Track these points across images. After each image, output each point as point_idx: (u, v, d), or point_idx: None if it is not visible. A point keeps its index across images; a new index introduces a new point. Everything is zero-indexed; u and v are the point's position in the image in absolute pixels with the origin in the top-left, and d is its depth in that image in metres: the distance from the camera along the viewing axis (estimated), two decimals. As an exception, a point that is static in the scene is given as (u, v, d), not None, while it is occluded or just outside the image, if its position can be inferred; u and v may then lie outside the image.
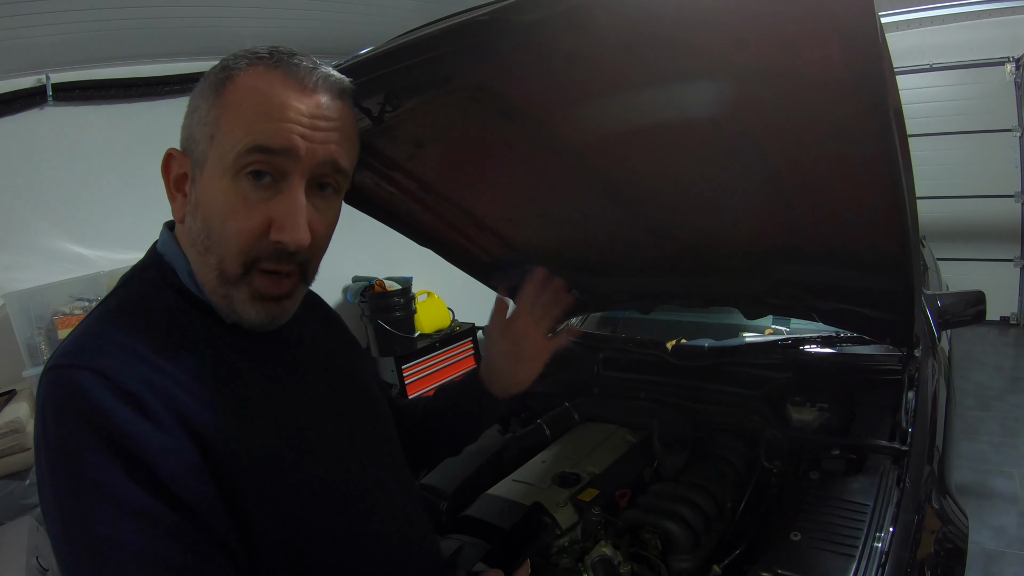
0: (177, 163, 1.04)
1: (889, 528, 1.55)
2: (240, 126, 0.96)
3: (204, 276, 1.02)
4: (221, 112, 0.97)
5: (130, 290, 1.04)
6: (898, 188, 1.37)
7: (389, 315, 5.20)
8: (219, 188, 0.97)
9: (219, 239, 0.98)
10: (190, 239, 1.03)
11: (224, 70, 0.99)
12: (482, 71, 1.46)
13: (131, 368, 0.89)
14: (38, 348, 3.73)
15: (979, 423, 4.71)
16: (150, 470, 0.85)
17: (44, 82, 4.04)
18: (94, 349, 0.90)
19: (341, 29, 4.57)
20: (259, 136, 0.95)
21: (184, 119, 1.03)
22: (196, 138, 1.00)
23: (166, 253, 1.06)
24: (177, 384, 0.92)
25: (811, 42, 1.14)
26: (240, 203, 0.97)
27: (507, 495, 1.99)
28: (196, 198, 1.01)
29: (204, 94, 1.00)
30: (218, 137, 0.97)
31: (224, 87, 0.97)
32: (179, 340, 0.98)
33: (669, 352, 2.64)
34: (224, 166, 0.97)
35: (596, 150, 1.78)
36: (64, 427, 0.85)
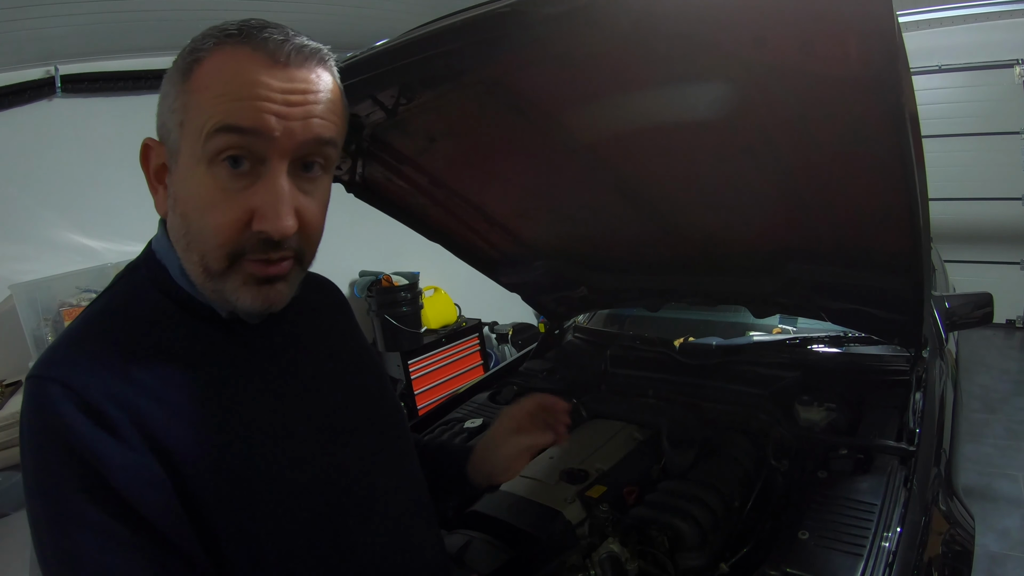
0: (155, 153, 0.97)
1: (896, 528, 1.55)
2: (207, 108, 0.88)
3: (191, 272, 0.97)
4: (188, 97, 0.90)
5: (116, 292, 1.00)
6: (911, 188, 1.37)
7: (396, 310, 5.20)
8: (194, 178, 0.91)
9: (199, 234, 0.92)
10: (173, 235, 0.98)
11: (192, 52, 0.91)
12: (498, 65, 1.46)
13: (100, 381, 0.87)
14: (45, 339, 3.73)
15: (984, 426, 4.69)
16: (109, 486, 0.83)
17: (53, 73, 4.04)
18: (67, 359, 0.89)
19: (351, 23, 4.56)
20: (227, 115, 0.88)
21: (157, 106, 0.95)
22: (168, 127, 0.93)
23: (158, 250, 1.01)
24: (149, 396, 0.89)
25: (828, 40, 1.14)
26: (218, 194, 0.90)
27: (514, 491, 1.99)
28: (174, 191, 0.95)
29: (172, 79, 0.92)
30: (187, 123, 0.90)
31: (192, 70, 0.90)
32: (158, 349, 0.94)
33: (677, 350, 2.64)
34: (196, 154, 0.90)
35: (609, 147, 1.78)
36: (33, 438, 0.86)
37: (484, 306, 5.85)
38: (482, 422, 2.52)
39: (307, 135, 0.92)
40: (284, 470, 0.98)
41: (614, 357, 2.84)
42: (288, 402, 1.05)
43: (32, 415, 0.86)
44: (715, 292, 2.36)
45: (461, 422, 2.57)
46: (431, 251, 2.52)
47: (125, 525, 0.83)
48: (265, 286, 0.96)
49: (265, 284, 0.96)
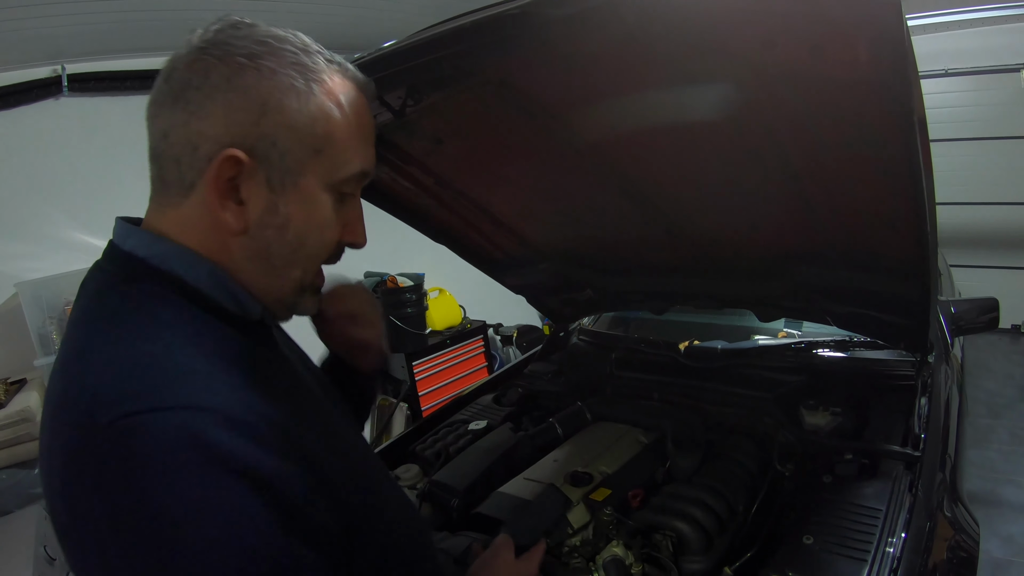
0: (233, 166, 0.88)
1: (901, 534, 1.55)
2: (352, 149, 0.95)
3: (270, 288, 0.97)
4: (331, 127, 0.92)
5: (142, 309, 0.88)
6: (919, 193, 1.36)
7: (401, 311, 5.20)
8: (319, 203, 0.94)
9: (312, 251, 0.97)
10: (257, 253, 0.94)
11: (305, 71, 0.90)
12: (506, 66, 1.47)
13: (221, 397, 0.80)
14: (50, 337, 3.75)
15: (989, 431, 4.69)
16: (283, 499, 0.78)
17: (60, 72, 4.07)
18: (169, 384, 0.78)
19: (358, 23, 4.57)
20: (366, 162, 0.97)
21: (238, 113, 0.88)
22: (284, 146, 0.90)
23: (154, 257, 0.92)
24: (258, 409, 0.83)
25: (838, 44, 1.14)
26: (332, 215, 0.96)
27: (519, 493, 1.99)
28: (286, 212, 0.92)
29: (291, 95, 0.89)
30: (328, 154, 0.92)
31: (324, 94, 0.91)
32: (222, 357, 0.87)
33: (682, 353, 2.63)
34: (329, 183, 0.94)
35: (615, 149, 1.78)
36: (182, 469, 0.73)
37: (489, 308, 5.85)
38: (486, 424, 2.52)
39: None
40: (346, 460, 0.97)
41: (619, 360, 2.84)
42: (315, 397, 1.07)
43: (174, 446, 0.73)
44: (720, 295, 2.36)
45: (465, 424, 2.57)
46: (437, 252, 2.52)
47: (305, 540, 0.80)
48: (319, 294, 1.06)
49: (319, 292, 1.06)
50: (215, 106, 0.87)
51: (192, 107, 0.87)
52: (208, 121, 0.87)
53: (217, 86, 0.87)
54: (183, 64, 0.89)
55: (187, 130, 0.88)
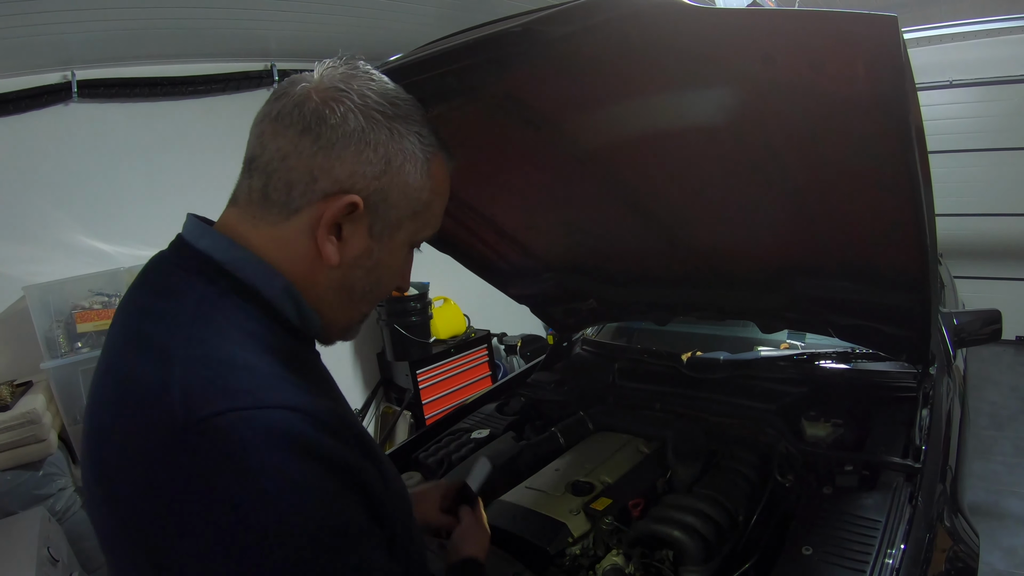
0: (348, 209, 0.97)
1: (901, 545, 1.55)
2: (435, 217, 1.10)
3: (339, 317, 1.08)
4: (430, 197, 1.05)
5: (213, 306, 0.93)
6: (918, 206, 1.38)
7: (405, 320, 5.22)
8: (401, 254, 1.08)
9: (381, 292, 1.10)
10: (342, 285, 1.04)
11: (425, 141, 1.02)
12: (511, 80, 1.48)
13: (307, 400, 0.87)
14: (56, 341, 3.76)
15: (992, 443, 4.68)
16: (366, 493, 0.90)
17: (70, 78, 4.08)
18: (260, 386, 0.85)
19: (363, 35, 4.59)
20: (437, 227, 1.12)
21: (367, 166, 0.96)
22: (394, 202, 1.01)
23: (231, 262, 0.97)
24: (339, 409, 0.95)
25: (837, 60, 1.15)
26: (404, 268, 1.12)
27: (520, 502, 2.00)
28: (378, 258, 1.04)
29: (411, 162, 1.01)
30: (422, 216, 1.06)
31: (431, 167, 1.04)
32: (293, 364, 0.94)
33: (684, 364, 2.64)
34: (411, 240, 1.08)
35: (619, 161, 1.79)
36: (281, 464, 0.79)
37: (493, 317, 5.86)
38: (489, 433, 2.53)
39: None
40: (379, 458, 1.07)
41: (622, 370, 2.85)
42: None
43: (276, 440, 0.80)
44: (723, 307, 2.37)
45: (468, 432, 2.58)
46: (441, 262, 2.53)
47: (382, 528, 0.92)
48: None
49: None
50: (346, 151, 0.95)
51: (323, 142, 0.94)
52: (336, 162, 0.95)
53: (352, 133, 0.95)
54: (320, 98, 0.95)
55: (311, 162, 0.95)
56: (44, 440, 3.42)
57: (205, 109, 4.60)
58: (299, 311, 1.01)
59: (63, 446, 3.68)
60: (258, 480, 0.77)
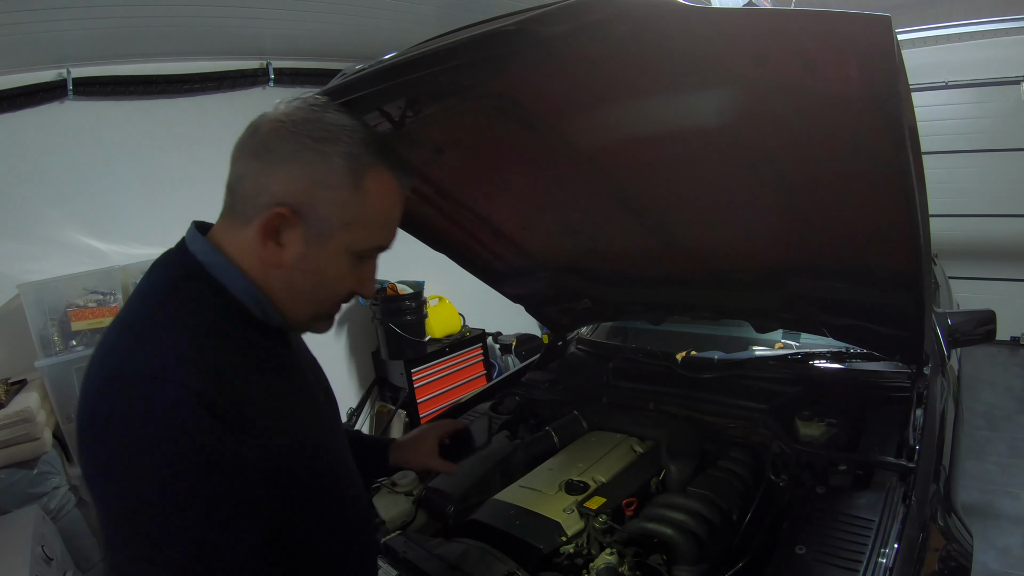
0: (280, 219, 1.12)
1: (894, 544, 1.55)
2: (375, 229, 1.18)
3: (290, 313, 1.21)
4: (362, 210, 1.15)
5: (182, 302, 1.13)
6: (912, 207, 1.38)
7: (400, 319, 5.21)
8: (339, 263, 1.17)
9: (328, 295, 1.22)
10: (285, 285, 1.18)
11: (354, 160, 1.12)
12: (504, 80, 1.48)
13: (212, 384, 1.02)
14: (51, 339, 3.75)
15: (987, 443, 4.68)
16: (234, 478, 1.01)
17: (65, 76, 4.06)
18: (177, 363, 1.02)
19: (359, 33, 4.59)
20: (384, 240, 1.21)
21: (295, 182, 1.11)
22: (322, 214, 1.13)
23: (209, 264, 1.16)
24: (245, 396, 1.08)
25: (829, 60, 1.15)
26: (348, 273, 1.20)
27: (514, 501, 2.00)
28: (313, 262, 1.16)
29: (336, 178, 1.12)
30: (354, 228, 1.15)
31: (361, 181, 1.13)
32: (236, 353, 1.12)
33: (679, 363, 2.64)
34: (351, 251, 1.17)
35: (613, 161, 1.79)
36: (160, 435, 0.97)
37: (488, 316, 5.85)
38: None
39: None
40: (323, 453, 1.26)
41: (616, 369, 2.85)
42: (313, 397, 1.33)
43: (158, 413, 0.97)
44: (717, 307, 2.37)
45: None
46: (436, 261, 2.53)
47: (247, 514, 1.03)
48: (332, 319, 1.29)
49: (332, 318, 1.29)
50: (280, 170, 1.11)
51: (264, 164, 1.12)
52: (272, 179, 1.11)
53: (286, 156, 1.11)
54: (267, 127, 1.13)
55: (256, 180, 1.12)
56: (38, 438, 3.40)
57: (200, 107, 4.58)
58: (260, 307, 1.18)
59: (57, 444, 3.67)
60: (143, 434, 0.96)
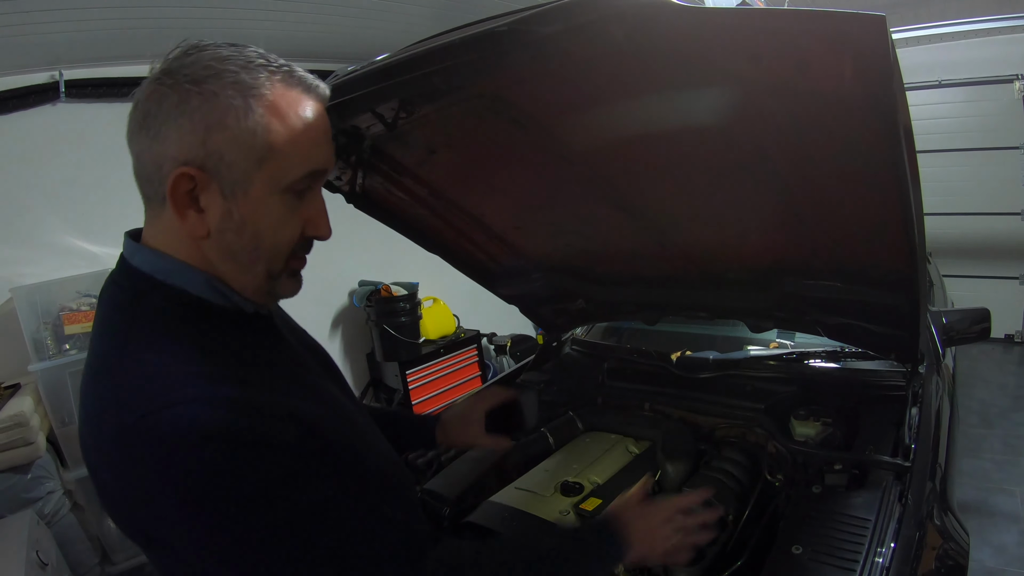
0: (188, 181, 1.01)
1: (890, 543, 1.55)
2: (298, 155, 1.04)
3: (244, 282, 1.09)
4: (271, 138, 1.01)
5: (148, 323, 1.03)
6: (906, 205, 1.37)
7: (395, 320, 5.21)
8: (271, 205, 1.05)
9: (271, 249, 1.08)
10: (224, 253, 1.06)
11: (243, 87, 1.00)
12: (497, 80, 1.48)
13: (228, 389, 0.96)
14: (44, 343, 3.74)
15: (982, 441, 4.69)
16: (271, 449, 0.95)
17: (57, 78, 4.06)
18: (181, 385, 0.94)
19: (353, 34, 4.58)
20: (316, 163, 1.07)
21: (188, 135, 0.99)
22: (229, 159, 1.00)
23: (158, 271, 1.06)
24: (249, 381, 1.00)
25: (824, 59, 1.15)
26: (288, 214, 1.07)
27: (510, 503, 1.99)
28: (240, 216, 1.04)
29: (231, 114, 0.99)
30: (271, 161, 1.02)
31: (259, 107, 1.00)
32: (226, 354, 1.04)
33: (674, 363, 2.64)
34: (278, 187, 1.04)
35: (607, 161, 1.79)
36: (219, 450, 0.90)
37: (483, 317, 5.86)
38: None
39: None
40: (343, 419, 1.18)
41: (611, 370, 2.85)
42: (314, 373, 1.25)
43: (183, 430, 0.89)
44: (712, 306, 2.37)
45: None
46: (430, 262, 2.52)
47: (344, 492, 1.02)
48: (298, 277, 1.17)
49: (297, 275, 1.17)
50: (169, 130, 0.99)
51: (152, 132, 1.00)
52: (165, 144, 0.99)
53: (169, 113, 0.98)
54: (144, 94, 1.01)
55: (152, 153, 1.01)
56: (32, 443, 3.40)
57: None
58: (225, 297, 1.09)
59: (51, 449, 3.66)
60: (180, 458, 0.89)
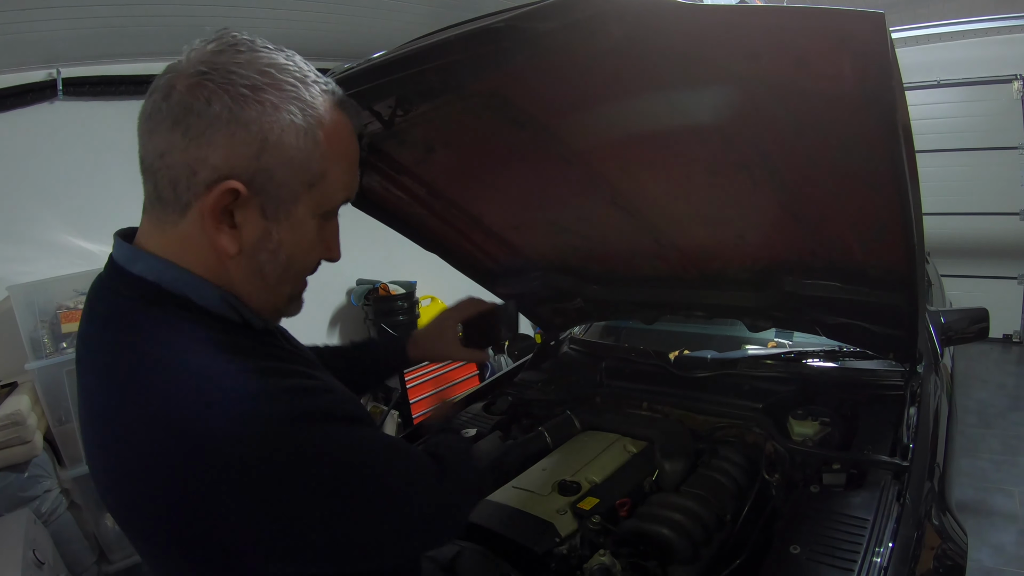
0: (231, 196, 0.93)
1: (889, 543, 1.55)
2: (341, 183, 1.03)
3: (264, 301, 1.05)
4: (325, 164, 0.99)
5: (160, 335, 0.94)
6: (905, 205, 1.37)
7: (392, 319, 5.20)
8: (308, 228, 1.02)
9: (300, 272, 1.07)
10: (252, 272, 1.01)
11: (308, 107, 0.95)
12: (495, 78, 1.47)
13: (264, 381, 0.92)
14: (41, 341, 3.73)
15: (980, 440, 4.69)
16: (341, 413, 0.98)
17: (55, 76, 4.06)
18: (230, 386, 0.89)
19: (351, 32, 4.58)
20: (350, 191, 1.06)
21: (241, 147, 0.91)
22: (281, 179, 0.95)
23: (167, 282, 0.97)
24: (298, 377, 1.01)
25: (823, 57, 1.15)
26: (317, 239, 1.05)
27: (507, 502, 1.99)
28: (279, 238, 1.00)
29: (292, 132, 0.94)
30: (320, 187, 1.00)
31: (320, 132, 0.96)
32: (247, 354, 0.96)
33: (672, 362, 2.64)
34: (317, 212, 1.02)
35: (605, 159, 1.78)
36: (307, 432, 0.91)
37: (481, 316, 5.84)
38: (476, 432, 2.52)
39: None
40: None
41: (609, 369, 2.84)
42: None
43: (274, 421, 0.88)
44: (710, 306, 2.36)
45: (456, 432, 2.56)
46: (428, 261, 2.52)
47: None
48: (301, 298, 1.14)
49: (301, 296, 1.14)
50: (217, 136, 0.90)
51: (192, 133, 0.90)
52: (209, 150, 0.90)
53: (219, 116, 0.89)
54: (184, 86, 0.90)
55: (186, 155, 0.90)
56: (29, 442, 3.38)
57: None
58: (238, 313, 1.01)
59: (48, 448, 3.65)
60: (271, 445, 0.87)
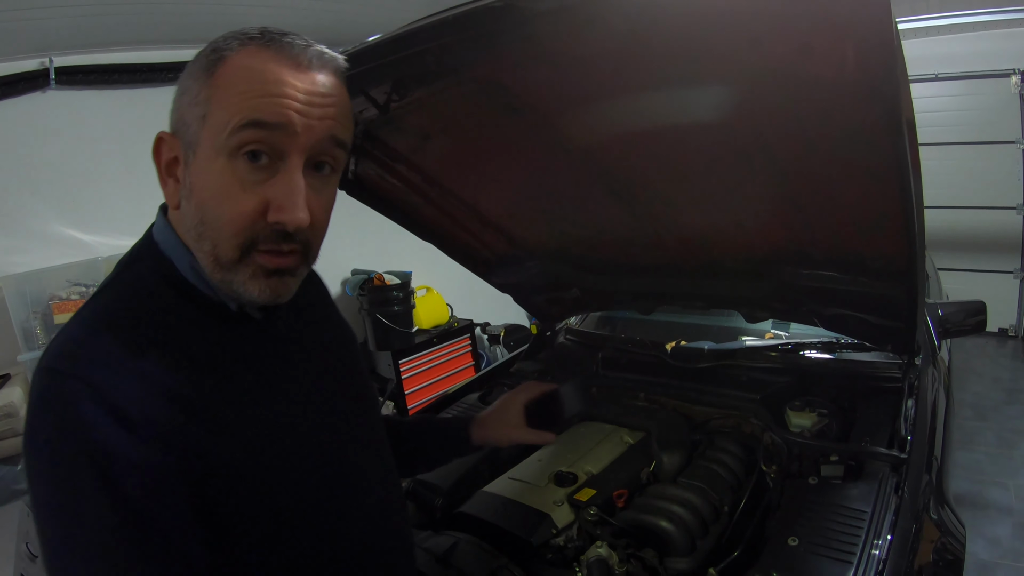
0: (168, 146, 0.99)
1: (887, 536, 1.54)
2: (234, 103, 0.92)
3: (203, 263, 0.99)
4: (213, 91, 0.93)
5: (123, 287, 1.00)
6: (907, 196, 1.36)
7: (388, 309, 5.19)
8: (214, 170, 0.94)
9: (213, 224, 0.95)
10: (185, 225, 1.00)
11: (215, 51, 0.95)
12: (492, 63, 1.45)
13: (119, 379, 0.88)
14: (34, 332, 3.72)
15: (976, 434, 4.71)
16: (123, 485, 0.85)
17: (47, 65, 4.04)
18: (85, 355, 0.89)
19: (348, 18, 4.56)
20: (253, 111, 0.92)
21: (173, 101, 0.99)
22: (187, 120, 0.96)
23: (161, 242, 1.03)
24: (165, 395, 0.91)
25: (826, 44, 1.13)
26: (236, 186, 0.94)
27: (503, 493, 1.98)
28: (190, 182, 0.97)
29: (194, 75, 0.96)
30: (210, 117, 0.94)
31: (215, 67, 0.94)
32: (171, 345, 0.95)
33: (669, 353, 2.63)
34: (218, 147, 0.93)
35: (603, 148, 1.77)
36: (50, 432, 0.86)
37: (476, 307, 5.84)
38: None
39: (324, 133, 0.98)
40: (288, 461, 1.04)
41: (606, 360, 2.83)
42: (291, 395, 1.10)
43: (51, 409, 0.87)
44: (708, 296, 2.35)
45: None
46: (424, 250, 2.50)
47: (134, 526, 0.85)
48: (273, 278, 0.99)
49: (273, 276, 0.99)
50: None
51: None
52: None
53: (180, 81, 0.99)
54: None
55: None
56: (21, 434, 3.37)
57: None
58: (206, 283, 1.01)
59: (41, 439, 3.63)
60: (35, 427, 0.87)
